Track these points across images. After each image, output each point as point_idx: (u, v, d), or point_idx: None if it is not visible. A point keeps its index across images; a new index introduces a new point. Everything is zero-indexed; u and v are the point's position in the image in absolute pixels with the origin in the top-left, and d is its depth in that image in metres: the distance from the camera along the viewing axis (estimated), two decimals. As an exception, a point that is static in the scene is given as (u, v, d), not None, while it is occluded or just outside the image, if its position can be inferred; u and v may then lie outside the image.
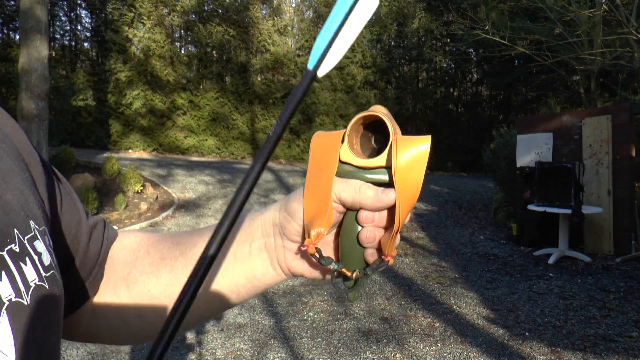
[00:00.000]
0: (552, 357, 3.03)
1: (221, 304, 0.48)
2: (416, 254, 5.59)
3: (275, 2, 15.04)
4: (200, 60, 14.59)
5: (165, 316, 0.46)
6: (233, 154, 14.58)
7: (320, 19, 15.04)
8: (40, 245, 0.37)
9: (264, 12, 14.98)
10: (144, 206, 6.84)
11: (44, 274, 0.36)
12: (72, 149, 7.90)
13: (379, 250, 0.41)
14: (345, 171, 0.40)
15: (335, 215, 0.41)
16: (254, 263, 0.45)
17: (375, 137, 0.42)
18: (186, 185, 8.78)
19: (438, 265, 5.13)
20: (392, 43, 15.91)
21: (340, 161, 0.40)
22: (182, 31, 14.77)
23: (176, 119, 14.01)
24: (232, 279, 0.46)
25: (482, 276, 4.77)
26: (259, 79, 14.71)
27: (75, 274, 0.49)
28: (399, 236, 0.41)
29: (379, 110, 0.39)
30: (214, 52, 14.76)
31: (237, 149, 14.58)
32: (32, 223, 0.37)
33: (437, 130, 14.95)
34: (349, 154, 0.40)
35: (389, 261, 0.40)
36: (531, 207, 5.41)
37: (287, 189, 9.22)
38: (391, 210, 0.39)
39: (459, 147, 14.69)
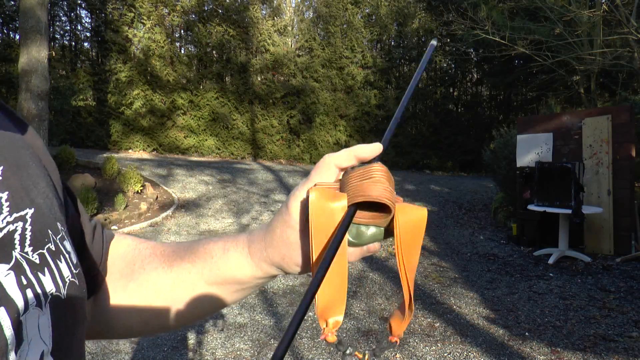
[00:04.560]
0: (552, 357, 3.03)
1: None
2: (416, 254, 5.58)
3: (275, 2, 15.04)
4: (200, 60, 14.59)
5: (170, 308, 0.51)
6: (233, 154, 14.58)
7: (320, 19, 15.03)
8: (68, 244, 0.41)
9: (264, 12, 14.97)
10: (144, 206, 6.84)
11: (74, 271, 0.40)
12: (72, 149, 7.89)
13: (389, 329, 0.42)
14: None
15: None
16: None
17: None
18: (186, 185, 8.79)
19: (438, 265, 5.12)
20: (392, 43, 15.90)
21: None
22: (182, 31, 14.76)
23: (176, 119, 14.01)
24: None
25: (482, 276, 4.77)
26: (259, 79, 14.70)
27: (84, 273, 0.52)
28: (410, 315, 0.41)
29: (387, 192, 0.38)
30: (214, 52, 14.75)
31: (237, 149, 14.58)
32: (59, 225, 0.41)
33: (437, 130, 14.93)
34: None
35: (396, 342, 0.40)
36: (531, 207, 5.41)
37: (288, 189, 9.21)
38: None
39: (459, 147, 14.67)
